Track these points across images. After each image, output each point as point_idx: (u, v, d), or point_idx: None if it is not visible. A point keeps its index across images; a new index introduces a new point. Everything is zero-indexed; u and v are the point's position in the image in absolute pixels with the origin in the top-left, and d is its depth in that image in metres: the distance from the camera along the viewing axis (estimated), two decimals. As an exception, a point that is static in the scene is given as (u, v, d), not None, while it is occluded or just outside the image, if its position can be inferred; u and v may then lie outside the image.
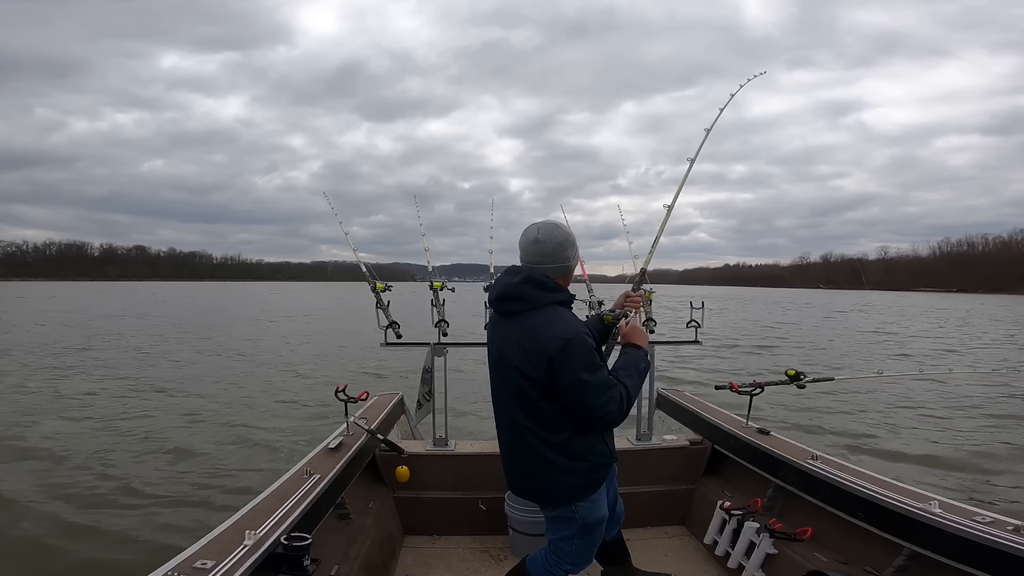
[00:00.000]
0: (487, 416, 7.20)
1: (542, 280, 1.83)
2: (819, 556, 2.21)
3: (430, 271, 3.33)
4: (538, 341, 1.75)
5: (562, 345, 1.71)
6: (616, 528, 2.31)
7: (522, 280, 1.83)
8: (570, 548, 1.95)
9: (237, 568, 1.52)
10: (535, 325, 1.79)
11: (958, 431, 7.30)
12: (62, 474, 5.14)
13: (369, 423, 2.92)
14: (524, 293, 1.83)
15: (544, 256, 1.85)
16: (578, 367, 1.71)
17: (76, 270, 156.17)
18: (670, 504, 3.07)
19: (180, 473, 5.22)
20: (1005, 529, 1.73)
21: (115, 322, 22.49)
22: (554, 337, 1.73)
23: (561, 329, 1.75)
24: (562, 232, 1.87)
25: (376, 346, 3.26)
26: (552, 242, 1.85)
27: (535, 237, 1.85)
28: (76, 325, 20.67)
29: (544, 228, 1.87)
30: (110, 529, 4.08)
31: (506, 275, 1.91)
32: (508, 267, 1.94)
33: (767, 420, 3.76)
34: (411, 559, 2.76)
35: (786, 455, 2.58)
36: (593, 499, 1.91)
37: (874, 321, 28.11)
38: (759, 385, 2.89)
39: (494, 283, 1.97)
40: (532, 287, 1.82)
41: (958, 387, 9.81)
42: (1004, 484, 5.43)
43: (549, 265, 1.85)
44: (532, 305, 1.82)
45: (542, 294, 1.82)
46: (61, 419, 7.07)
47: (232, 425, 6.90)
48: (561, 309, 1.85)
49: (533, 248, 1.85)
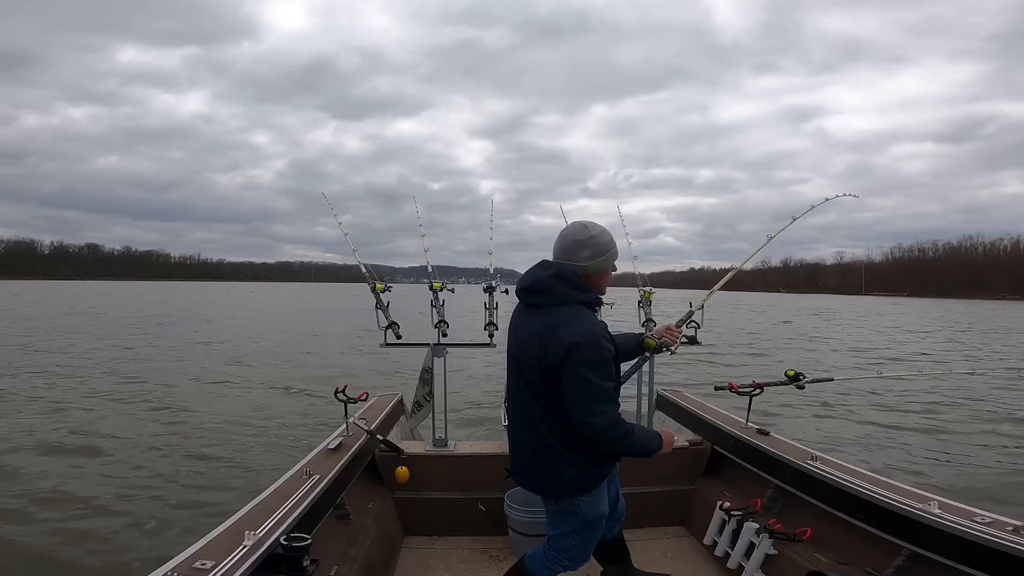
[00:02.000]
0: (488, 416, 7.23)
1: (572, 277, 1.86)
2: (819, 556, 2.21)
3: (430, 271, 3.32)
4: (557, 336, 1.77)
5: (578, 341, 1.73)
6: (617, 526, 2.32)
7: (552, 275, 1.86)
8: (570, 543, 1.96)
9: (237, 568, 1.52)
10: (557, 321, 1.81)
11: (957, 431, 7.31)
12: (61, 475, 5.14)
13: (369, 424, 2.91)
14: (551, 287, 1.86)
15: (561, 252, 1.89)
16: (584, 363, 1.72)
17: (25, 268, 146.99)
18: (670, 505, 3.07)
19: (181, 474, 5.22)
20: (1004, 529, 1.73)
21: (105, 323, 22.54)
22: (573, 333, 1.75)
23: (583, 327, 1.77)
24: (584, 232, 1.88)
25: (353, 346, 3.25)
26: (570, 239, 1.88)
27: (561, 233, 1.91)
28: (84, 325, 20.73)
29: (571, 226, 1.92)
30: (110, 530, 4.08)
31: (538, 268, 1.94)
32: (541, 261, 1.96)
33: (767, 420, 3.77)
34: (411, 560, 2.76)
35: (785, 455, 2.58)
36: (595, 494, 1.93)
37: (842, 326, 28.17)
38: (758, 386, 2.89)
39: (524, 274, 2.00)
40: (561, 282, 1.85)
41: (959, 386, 9.84)
42: (1003, 484, 5.43)
43: (567, 262, 1.87)
44: (557, 300, 1.85)
45: (569, 291, 1.85)
46: (61, 420, 7.07)
47: (232, 425, 6.91)
48: (585, 309, 1.86)
49: (557, 243, 1.91)
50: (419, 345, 3.19)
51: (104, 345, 14.77)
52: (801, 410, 8.07)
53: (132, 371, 10.69)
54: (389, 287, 3.17)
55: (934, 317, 37.48)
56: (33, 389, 8.85)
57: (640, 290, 3.40)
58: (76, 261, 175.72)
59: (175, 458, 5.63)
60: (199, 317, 26.74)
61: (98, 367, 11.17)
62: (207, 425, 6.91)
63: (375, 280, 3.17)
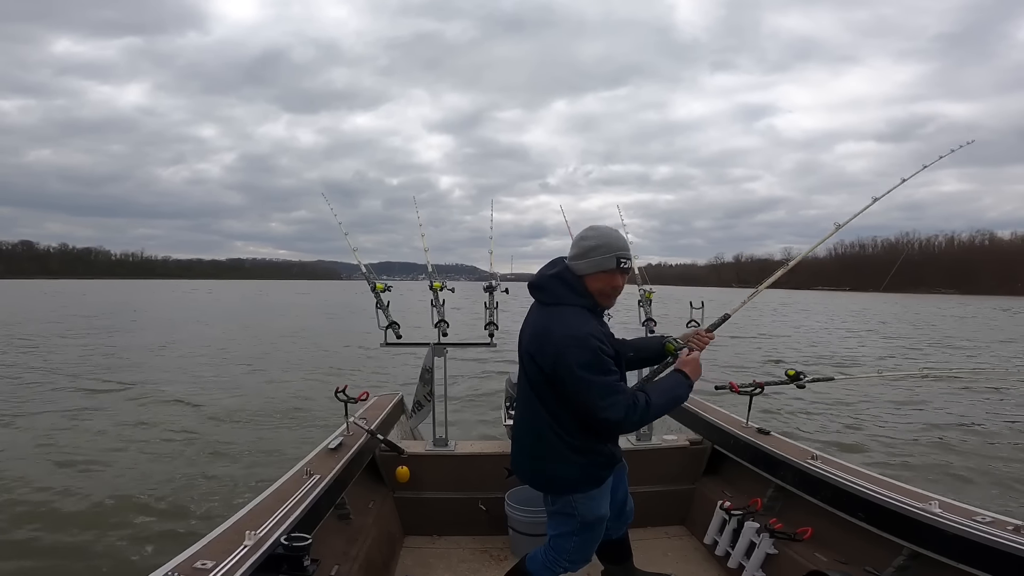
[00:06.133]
0: (488, 417, 7.22)
1: (569, 278, 1.87)
2: (819, 556, 2.21)
3: (430, 271, 3.31)
4: (549, 338, 1.80)
5: (567, 343, 1.75)
6: (624, 527, 2.32)
7: (554, 273, 1.90)
8: (569, 545, 1.96)
9: (237, 568, 1.52)
10: (551, 322, 1.83)
11: (958, 430, 7.30)
12: (62, 477, 5.14)
13: (369, 423, 2.92)
14: (550, 286, 1.89)
15: (571, 252, 1.91)
16: (576, 363, 1.73)
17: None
18: (670, 504, 3.07)
19: (181, 475, 5.22)
20: (1005, 529, 1.73)
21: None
22: (563, 335, 1.76)
23: (571, 331, 1.77)
24: (580, 235, 1.90)
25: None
26: (575, 240, 1.91)
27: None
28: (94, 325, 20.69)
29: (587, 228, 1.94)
30: (111, 531, 4.08)
31: (547, 265, 1.96)
32: (553, 259, 1.98)
33: (767, 420, 3.76)
34: (411, 559, 2.76)
35: (786, 455, 2.57)
36: (593, 495, 1.92)
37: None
38: (759, 385, 2.89)
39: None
40: (558, 282, 1.88)
41: (960, 385, 9.83)
42: (1004, 483, 5.43)
43: (569, 263, 1.89)
44: (555, 300, 1.87)
45: (565, 292, 1.86)
46: (57, 422, 7.07)
47: (232, 425, 6.91)
48: (583, 312, 1.85)
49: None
50: (419, 345, 3.19)
51: (71, 344, 14.76)
52: (802, 409, 8.07)
53: (104, 372, 10.62)
54: (389, 287, 3.16)
55: (897, 313, 37.56)
56: (35, 388, 8.84)
57: (640, 289, 3.39)
58: (9, 259, 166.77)
59: (176, 460, 5.63)
60: (175, 316, 26.06)
61: (77, 368, 11.14)
62: (207, 426, 6.92)
63: (374, 280, 3.15)
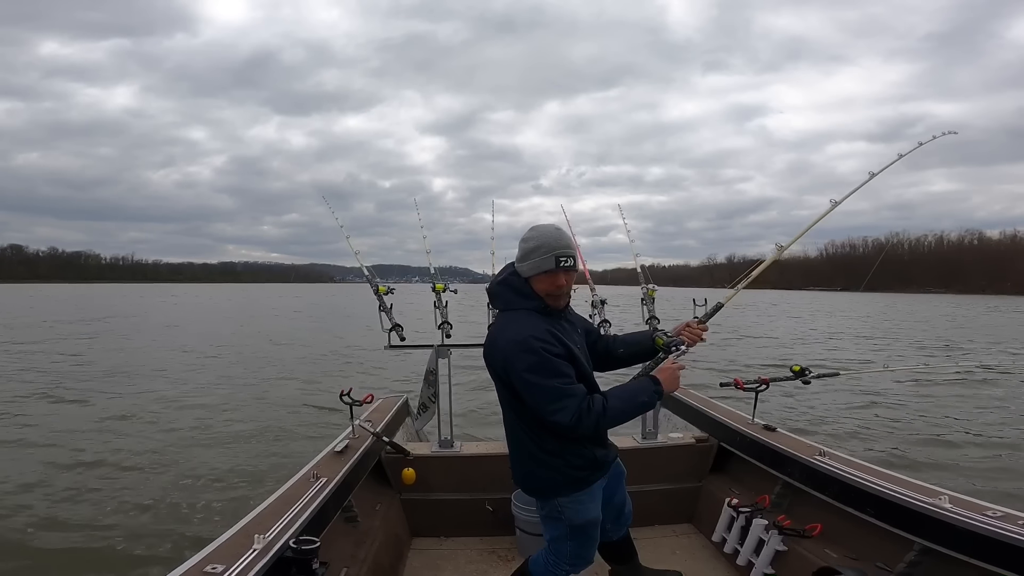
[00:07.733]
0: (493, 418, 7.21)
1: (515, 282, 1.86)
2: (829, 552, 2.20)
3: (432, 272, 3.32)
4: (495, 342, 1.82)
5: (511, 348, 1.75)
6: (624, 529, 2.31)
7: (501, 280, 1.90)
8: (566, 548, 1.96)
9: (247, 572, 1.53)
10: (496, 329, 1.87)
11: (967, 425, 7.28)
12: (70, 481, 5.15)
13: (374, 426, 2.92)
14: (497, 292, 1.91)
15: (516, 255, 1.88)
16: (521, 368, 1.73)
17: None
18: (677, 502, 3.06)
19: (187, 478, 5.22)
20: (1017, 523, 1.72)
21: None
22: (506, 341, 1.77)
23: (513, 333, 1.77)
24: (526, 234, 1.85)
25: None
26: (519, 242, 1.87)
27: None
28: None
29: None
30: (119, 536, 4.07)
31: (500, 272, 1.96)
32: (507, 264, 1.96)
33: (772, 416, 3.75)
34: (419, 561, 2.76)
35: (793, 451, 2.57)
36: (579, 499, 1.90)
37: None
38: (764, 381, 2.88)
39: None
40: (504, 287, 1.88)
41: (966, 380, 9.81)
42: (1016, 477, 5.41)
43: (516, 265, 1.87)
44: (504, 305, 1.89)
45: (512, 297, 1.86)
46: (59, 425, 7.08)
47: (234, 427, 6.91)
48: (530, 315, 1.81)
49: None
50: (423, 347, 3.19)
51: (79, 348, 14.77)
52: (807, 404, 8.05)
53: (115, 379, 10.60)
54: (392, 290, 3.16)
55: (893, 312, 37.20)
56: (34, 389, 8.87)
57: (643, 287, 3.39)
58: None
59: (180, 465, 5.63)
60: (183, 322, 25.70)
61: (77, 372, 11.16)
62: (211, 429, 6.92)
63: (377, 282, 3.15)
